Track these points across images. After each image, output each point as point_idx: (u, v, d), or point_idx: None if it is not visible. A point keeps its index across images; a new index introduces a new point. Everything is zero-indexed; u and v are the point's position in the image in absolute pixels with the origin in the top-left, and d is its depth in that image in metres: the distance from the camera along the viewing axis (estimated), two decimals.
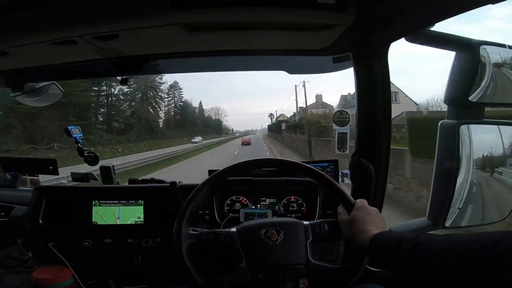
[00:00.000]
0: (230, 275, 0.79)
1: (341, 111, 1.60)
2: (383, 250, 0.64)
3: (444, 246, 0.54)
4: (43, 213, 1.13)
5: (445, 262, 0.52)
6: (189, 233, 0.84)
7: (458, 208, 0.97)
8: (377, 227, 0.73)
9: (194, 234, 0.84)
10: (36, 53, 1.06)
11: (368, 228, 0.73)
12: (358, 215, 0.76)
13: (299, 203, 1.24)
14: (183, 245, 0.81)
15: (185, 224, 0.83)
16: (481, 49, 0.91)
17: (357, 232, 0.74)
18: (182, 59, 1.24)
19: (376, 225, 0.73)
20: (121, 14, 0.84)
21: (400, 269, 0.60)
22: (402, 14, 0.82)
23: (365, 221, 0.74)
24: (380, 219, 0.77)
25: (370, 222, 0.74)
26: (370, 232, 0.71)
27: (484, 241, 0.49)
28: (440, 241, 0.56)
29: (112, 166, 1.40)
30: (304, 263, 0.80)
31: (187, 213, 0.84)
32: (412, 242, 0.59)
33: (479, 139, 0.97)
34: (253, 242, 0.83)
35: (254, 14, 0.86)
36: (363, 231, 0.72)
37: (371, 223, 0.74)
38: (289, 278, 0.80)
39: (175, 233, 0.82)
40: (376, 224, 0.74)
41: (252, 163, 0.93)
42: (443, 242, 0.55)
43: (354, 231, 0.75)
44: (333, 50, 1.10)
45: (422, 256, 0.56)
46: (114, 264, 1.15)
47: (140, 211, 1.15)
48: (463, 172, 0.96)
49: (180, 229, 0.83)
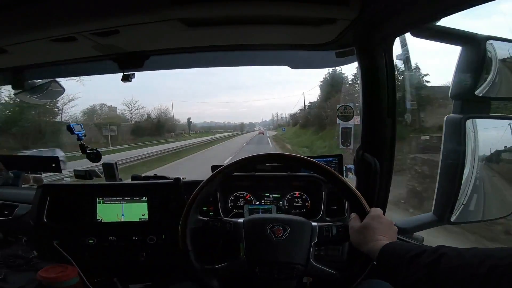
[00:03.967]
0: (227, 264, 0.80)
1: (345, 105, 1.57)
2: (395, 261, 0.63)
3: (471, 260, 0.52)
4: (47, 211, 1.14)
5: (473, 275, 0.50)
6: (197, 218, 0.85)
7: (463, 204, 0.97)
8: (388, 238, 0.71)
9: (202, 220, 0.85)
10: (36, 50, 1.06)
11: (378, 237, 0.71)
12: (370, 223, 0.75)
13: (303, 199, 1.24)
14: (188, 228, 0.82)
15: (193, 211, 0.85)
16: (487, 44, 0.90)
17: (367, 240, 0.73)
18: (183, 55, 1.23)
19: (387, 236, 0.72)
20: (120, 10, 0.82)
21: (415, 280, 0.58)
22: (406, 8, 0.80)
23: (376, 230, 0.73)
24: (392, 231, 0.75)
25: (382, 232, 0.73)
26: (380, 242, 0.69)
27: None
28: (467, 255, 0.54)
29: (115, 163, 1.40)
30: (303, 264, 0.80)
31: (197, 200, 0.85)
32: (434, 253, 0.57)
33: (485, 134, 0.97)
34: (257, 236, 0.83)
35: (255, 8, 0.84)
36: (372, 240, 0.71)
37: (382, 234, 0.72)
38: (285, 276, 0.80)
39: (183, 217, 0.83)
40: (388, 235, 0.73)
41: (265, 157, 0.92)
42: (470, 255, 0.53)
43: (364, 238, 0.74)
44: (336, 44, 1.09)
45: (445, 268, 0.54)
46: (119, 262, 1.15)
47: (144, 208, 1.14)
48: (469, 167, 0.96)
49: (188, 214, 0.84)
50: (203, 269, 0.80)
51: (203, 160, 12.64)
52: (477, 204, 0.99)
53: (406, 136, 5.39)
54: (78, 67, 1.33)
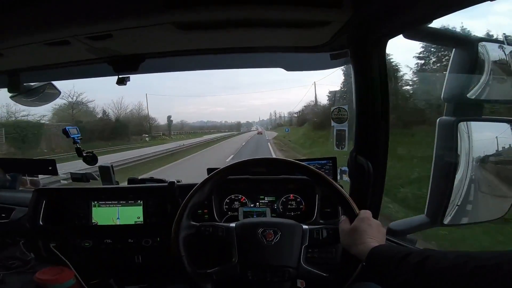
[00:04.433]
0: (219, 268, 0.81)
1: (339, 108, 1.57)
2: (384, 262, 0.64)
3: (457, 261, 0.52)
4: (43, 214, 1.14)
5: (458, 276, 0.51)
6: (189, 223, 0.85)
7: (457, 205, 0.97)
8: (376, 240, 0.72)
9: (194, 225, 0.85)
10: (31, 53, 1.06)
11: (366, 240, 0.72)
12: (359, 226, 0.76)
13: (298, 201, 1.24)
14: (181, 234, 0.82)
15: (186, 216, 0.85)
16: (479, 45, 0.90)
17: (355, 243, 0.73)
18: (178, 58, 1.23)
19: (375, 238, 0.73)
20: (113, 14, 0.83)
21: (404, 280, 0.59)
22: (399, 10, 0.81)
23: (365, 233, 0.74)
24: (380, 233, 0.76)
25: (370, 234, 0.73)
26: (368, 244, 0.70)
27: (501, 258, 0.48)
28: (452, 256, 0.55)
29: (111, 166, 1.41)
30: (294, 267, 0.80)
31: (189, 205, 0.85)
32: (421, 255, 0.58)
33: (478, 136, 0.97)
34: (248, 240, 0.83)
35: (249, 12, 0.84)
36: (361, 242, 0.72)
37: (371, 236, 0.73)
38: (276, 279, 0.80)
39: (175, 222, 0.83)
40: (376, 237, 0.73)
41: (259, 161, 0.93)
42: (456, 257, 0.54)
43: (352, 241, 0.74)
44: (330, 46, 1.09)
45: (431, 270, 0.55)
46: (115, 264, 1.16)
47: (140, 211, 1.15)
48: (462, 169, 0.96)
49: (180, 220, 0.84)
50: (196, 274, 0.80)
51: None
52: (470, 207, 0.99)
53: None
54: (74, 70, 1.33)
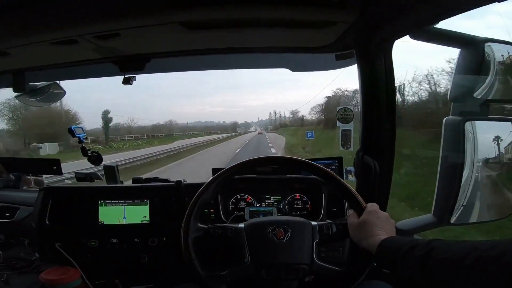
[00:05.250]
0: (232, 269, 0.80)
1: (345, 108, 1.58)
2: (392, 255, 0.64)
3: (459, 252, 0.53)
4: (49, 213, 1.14)
5: (459, 268, 0.51)
6: (198, 226, 0.85)
7: (463, 205, 0.97)
8: (386, 232, 0.72)
9: (202, 228, 0.85)
10: (37, 53, 1.06)
11: (376, 232, 0.72)
12: (368, 219, 0.76)
13: (304, 201, 1.24)
14: (190, 238, 0.82)
15: (193, 218, 0.84)
16: (485, 46, 0.90)
17: (365, 236, 0.73)
18: (184, 57, 1.24)
19: (385, 230, 0.73)
20: (121, 13, 0.83)
21: (410, 274, 0.60)
22: (405, 11, 0.81)
23: (374, 225, 0.74)
24: (390, 225, 0.76)
25: (379, 226, 0.74)
26: (378, 237, 0.70)
27: (501, 248, 0.48)
28: (455, 247, 0.55)
29: (116, 165, 1.41)
30: (308, 263, 0.80)
31: (196, 207, 0.85)
32: (426, 247, 0.59)
33: (484, 136, 0.97)
34: (259, 239, 0.83)
35: (256, 11, 0.85)
36: (371, 235, 0.72)
37: (380, 228, 0.73)
38: (291, 277, 0.80)
39: (184, 226, 0.83)
40: (385, 229, 0.73)
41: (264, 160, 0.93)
42: (458, 248, 0.54)
43: (362, 234, 0.75)
44: (336, 47, 1.09)
45: (435, 261, 0.56)
46: (121, 264, 1.16)
47: (146, 211, 1.15)
48: (468, 168, 0.96)
49: (188, 223, 0.84)
50: (210, 277, 0.80)
51: None
52: (477, 206, 1.00)
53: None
54: (79, 69, 1.33)
